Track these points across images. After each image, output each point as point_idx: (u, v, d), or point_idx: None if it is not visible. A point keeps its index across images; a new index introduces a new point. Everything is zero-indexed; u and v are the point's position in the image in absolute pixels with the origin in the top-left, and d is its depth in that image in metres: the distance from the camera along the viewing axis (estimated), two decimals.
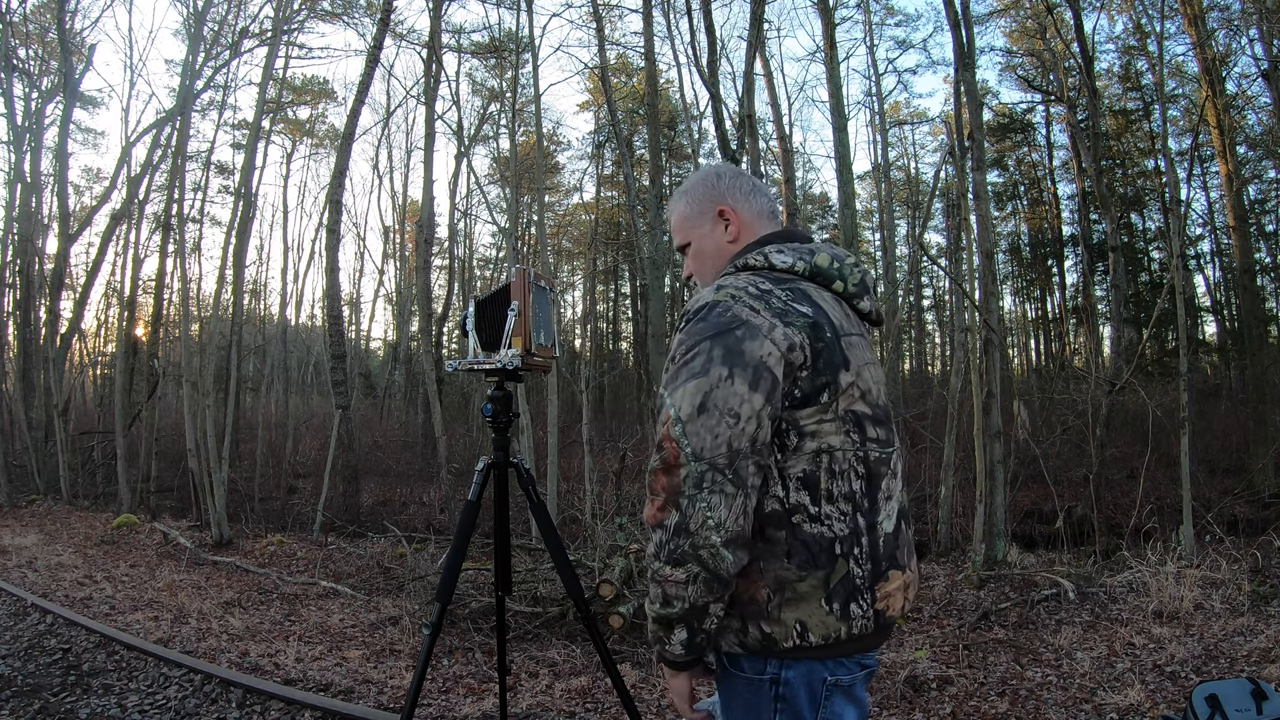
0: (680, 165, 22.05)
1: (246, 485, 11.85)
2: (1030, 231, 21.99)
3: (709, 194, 1.38)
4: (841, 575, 1.15)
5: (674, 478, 1.10)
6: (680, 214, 1.41)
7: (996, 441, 6.28)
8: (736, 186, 1.37)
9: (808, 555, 1.15)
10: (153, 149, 14.43)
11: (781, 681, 1.17)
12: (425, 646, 2.09)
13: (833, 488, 1.16)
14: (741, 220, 1.36)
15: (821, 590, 1.14)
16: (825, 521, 1.15)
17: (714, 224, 1.37)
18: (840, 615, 1.15)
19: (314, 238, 23.91)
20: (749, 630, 1.17)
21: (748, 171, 1.41)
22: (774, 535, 1.15)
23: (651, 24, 11.78)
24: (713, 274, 1.37)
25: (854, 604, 1.16)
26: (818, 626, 1.14)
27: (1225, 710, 2.18)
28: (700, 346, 1.13)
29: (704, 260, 1.39)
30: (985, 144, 13.10)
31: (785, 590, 1.15)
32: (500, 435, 2.25)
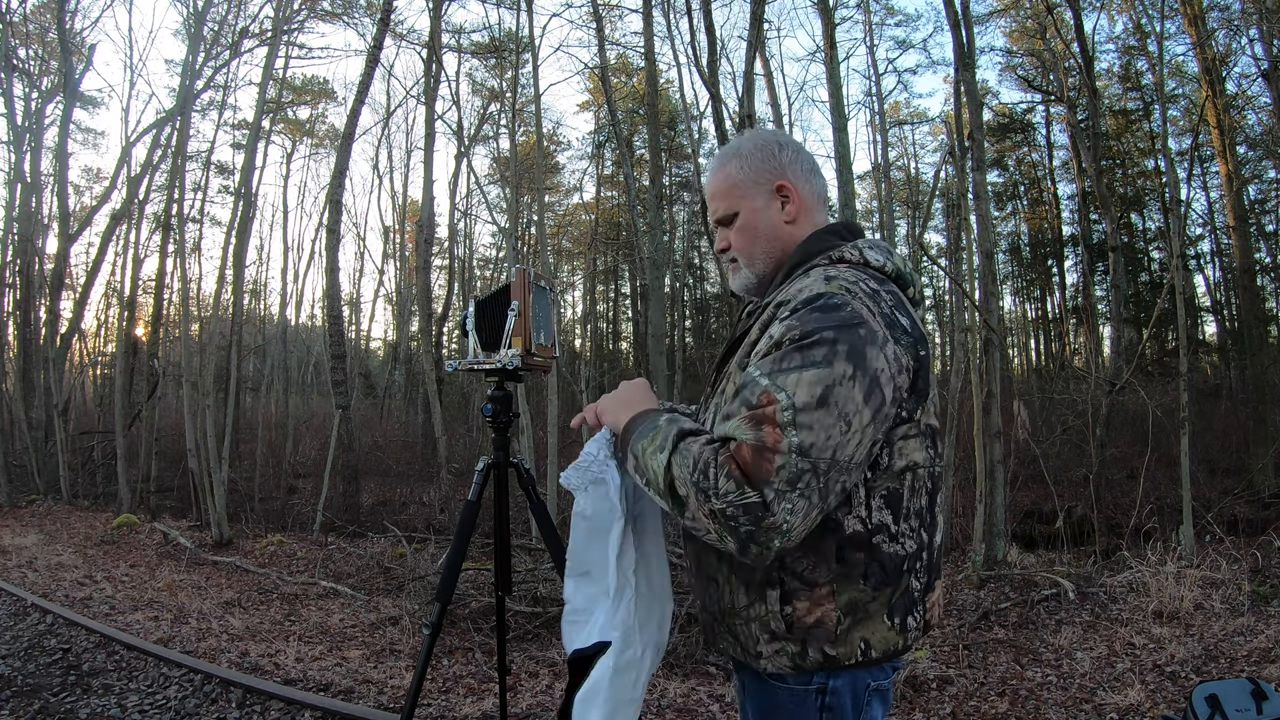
0: (680, 165, 22.05)
1: (246, 485, 11.85)
2: (1030, 231, 21.98)
3: (768, 164, 1.23)
4: (903, 590, 1.12)
5: (765, 463, 0.97)
6: (728, 178, 1.25)
7: (996, 441, 6.28)
8: (799, 162, 1.24)
9: (883, 576, 1.10)
10: (153, 149, 14.43)
11: (829, 691, 1.12)
12: (425, 646, 2.09)
13: (911, 505, 1.12)
14: (802, 201, 1.24)
15: (885, 607, 1.11)
16: (901, 540, 1.11)
17: (770, 199, 1.23)
18: (899, 629, 1.12)
19: (314, 238, 23.92)
20: (809, 654, 1.10)
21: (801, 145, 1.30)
22: (853, 558, 1.09)
23: (651, 24, 11.79)
24: (764, 256, 1.25)
25: (910, 617, 1.14)
26: (879, 643, 1.11)
27: (1225, 710, 2.18)
28: (822, 335, 1.01)
29: (754, 238, 1.24)
30: (985, 144, 13.10)
31: (857, 611, 1.09)
32: (500, 435, 2.24)
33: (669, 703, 3.44)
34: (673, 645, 4.16)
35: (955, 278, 9.34)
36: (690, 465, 1.02)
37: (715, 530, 1.00)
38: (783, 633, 1.11)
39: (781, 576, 1.11)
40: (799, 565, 1.09)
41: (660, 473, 1.06)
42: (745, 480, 0.98)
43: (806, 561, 1.09)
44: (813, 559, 1.09)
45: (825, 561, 1.08)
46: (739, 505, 0.97)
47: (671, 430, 1.09)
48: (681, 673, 3.89)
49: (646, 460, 1.10)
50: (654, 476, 1.08)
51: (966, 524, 7.38)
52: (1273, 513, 7.82)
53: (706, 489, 0.99)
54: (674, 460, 1.04)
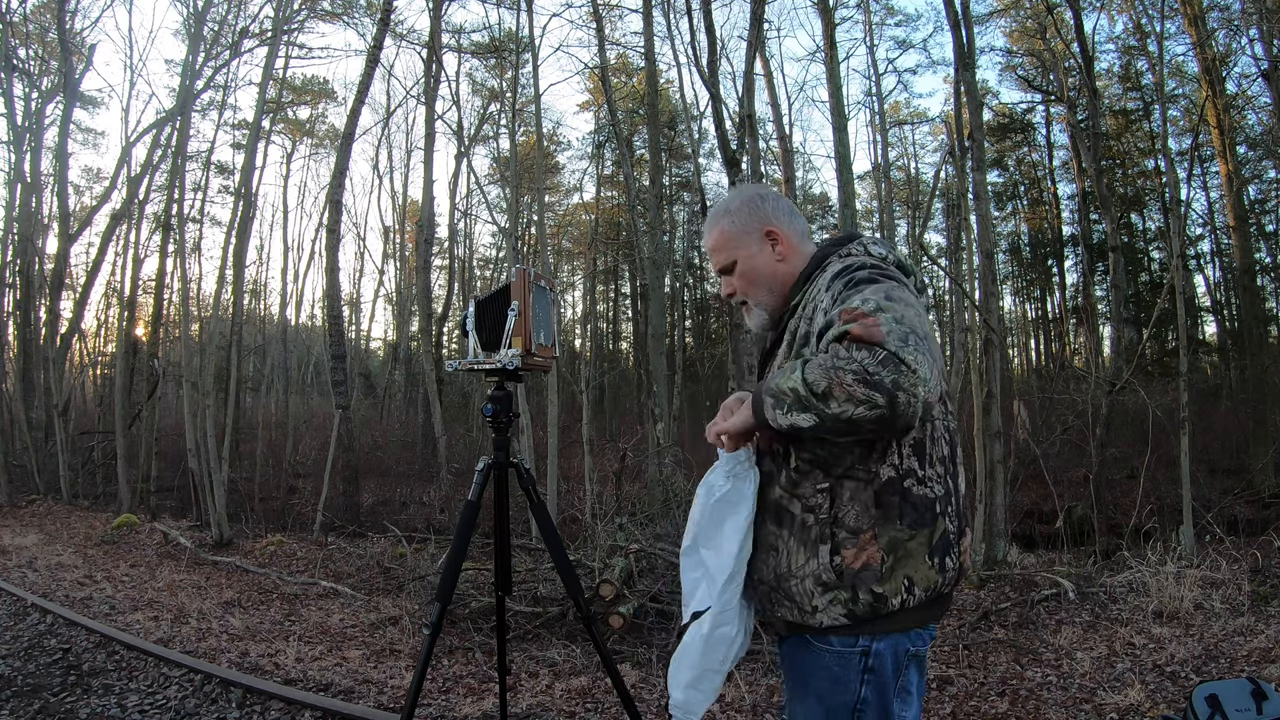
0: (680, 165, 22.05)
1: (246, 485, 11.84)
2: (1030, 231, 21.98)
3: (754, 215, 1.42)
4: (941, 532, 1.25)
5: (874, 331, 1.10)
6: (723, 234, 1.44)
7: (996, 441, 6.28)
8: (779, 209, 1.43)
9: (916, 515, 1.23)
10: (153, 149, 14.44)
11: (872, 654, 1.24)
12: (425, 646, 2.09)
13: (934, 452, 1.27)
14: (789, 241, 1.42)
15: (926, 547, 1.23)
16: (929, 484, 1.25)
17: (761, 244, 1.41)
18: (939, 568, 1.24)
19: (314, 238, 23.91)
20: (859, 597, 1.22)
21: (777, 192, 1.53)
22: (889, 501, 1.22)
23: (651, 24, 11.78)
24: (768, 293, 1.42)
25: (948, 558, 1.26)
26: (922, 580, 1.23)
27: (1225, 710, 2.18)
28: (861, 274, 1.21)
29: (756, 280, 1.42)
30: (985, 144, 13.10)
31: (898, 550, 1.22)
32: (500, 435, 2.25)
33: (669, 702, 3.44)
34: (672, 645, 4.15)
35: (955, 278, 9.34)
36: (819, 365, 1.14)
37: (865, 394, 1.08)
38: (834, 582, 1.23)
39: (832, 530, 1.24)
40: (846, 516, 1.23)
41: (799, 382, 1.15)
42: (870, 343, 1.10)
43: (852, 511, 1.23)
44: (857, 508, 1.23)
45: (867, 510, 1.23)
46: (877, 361, 1.08)
47: (797, 363, 1.20)
48: None
49: (781, 386, 1.18)
50: (792, 391, 1.16)
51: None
52: (1273, 513, 7.82)
53: (842, 367, 1.10)
54: (804, 370, 1.16)
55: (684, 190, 22.59)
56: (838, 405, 1.10)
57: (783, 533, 1.30)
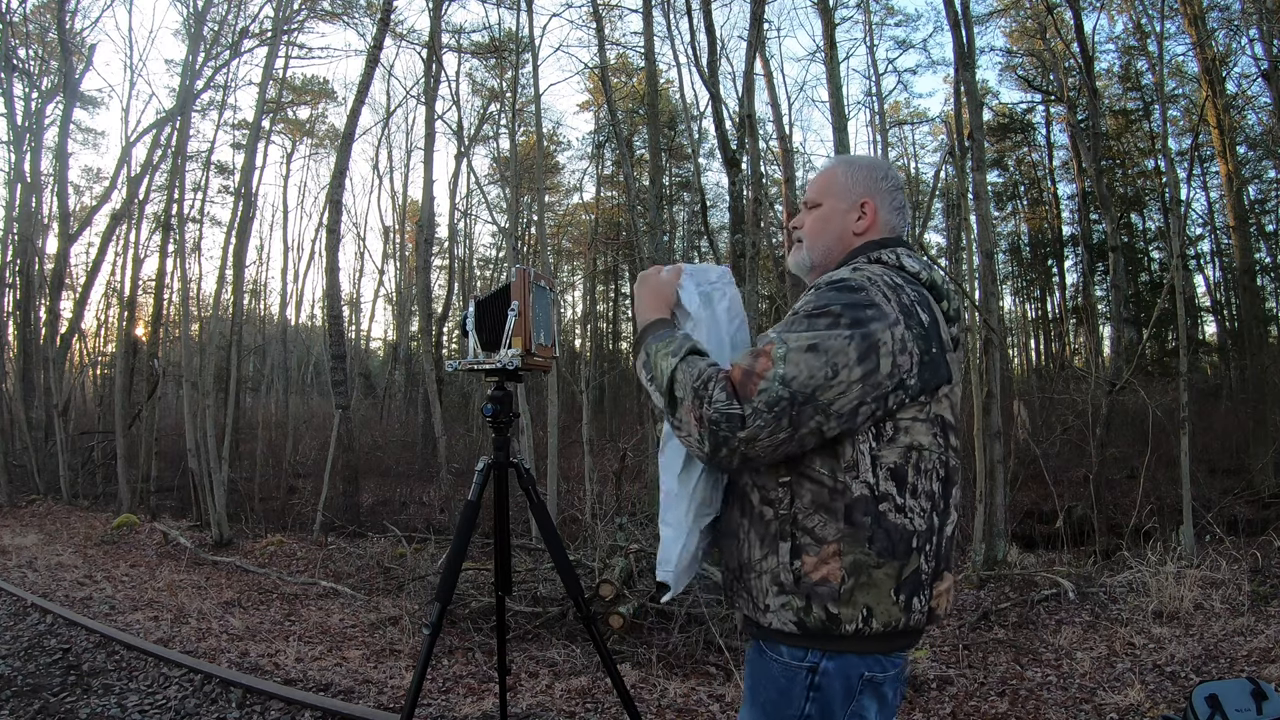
0: (680, 165, 22.05)
1: (246, 485, 11.84)
2: (1030, 231, 21.98)
3: (866, 181, 1.41)
4: (914, 569, 1.20)
5: (750, 384, 1.13)
6: (833, 177, 1.44)
7: (996, 441, 6.28)
8: (892, 196, 1.42)
9: (888, 543, 1.18)
10: (153, 149, 14.44)
11: (820, 671, 1.20)
12: (425, 646, 2.09)
13: (918, 484, 1.21)
14: (877, 222, 1.40)
15: (893, 580, 1.19)
16: (909, 514, 1.20)
17: (853, 207, 1.41)
18: (904, 607, 1.20)
19: (314, 238, 23.92)
20: (813, 610, 1.19)
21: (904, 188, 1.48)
22: (860, 520, 1.18)
23: (651, 24, 11.77)
24: (823, 247, 1.42)
25: (916, 598, 1.21)
26: (883, 614, 1.18)
27: (1225, 710, 2.18)
28: (831, 309, 1.17)
29: (826, 229, 1.42)
30: (985, 144, 13.10)
31: (861, 574, 1.18)
32: (500, 435, 2.24)
33: (669, 703, 3.44)
34: (673, 645, 4.16)
35: (955, 278, 9.34)
36: (694, 375, 1.19)
37: (699, 432, 1.15)
38: (790, 585, 1.20)
39: (794, 531, 1.21)
40: (811, 522, 1.20)
41: (667, 372, 1.22)
42: (734, 395, 1.13)
43: (818, 519, 1.20)
44: (824, 517, 1.20)
45: (835, 520, 1.19)
46: (724, 413, 1.13)
47: (686, 344, 1.26)
48: (681, 673, 3.89)
49: (656, 359, 1.26)
50: (659, 374, 1.24)
51: (966, 524, 7.36)
52: (1273, 513, 7.82)
53: (703, 396, 1.15)
54: (680, 366, 1.21)
55: (684, 190, 22.60)
56: (676, 418, 1.20)
57: (744, 521, 1.29)
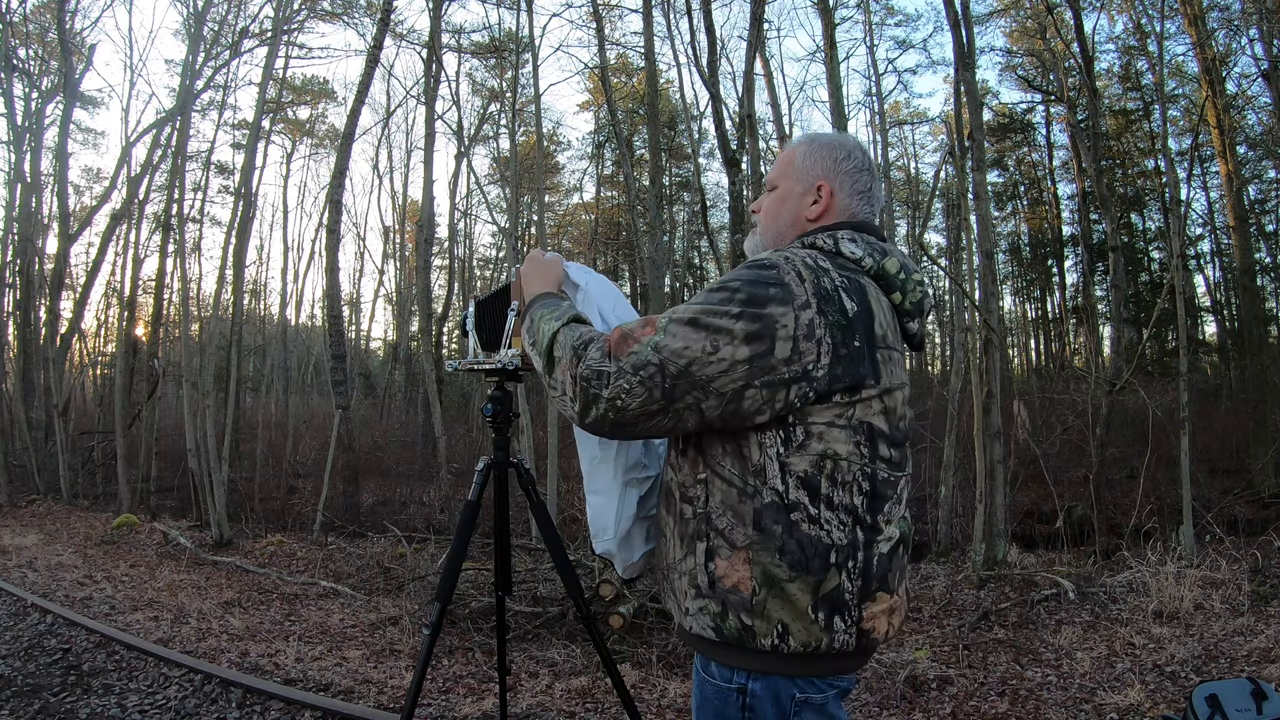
0: (680, 165, 22.05)
1: (246, 485, 11.83)
2: (1030, 231, 21.99)
3: (824, 163, 1.32)
4: (832, 586, 1.12)
5: (624, 345, 1.12)
6: (790, 157, 1.36)
7: (996, 441, 6.28)
8: (854, 179, 1.32)
9: (800, 556, 1.11)
10: (153, 149, 14.43)
11: (748, 693, 1.15)
12: (425, 646, 2.09)
13: (833, 496, 1.13)
14: (833, 207, 1.31)
15: (809, 597, 1.11)
16: (825, 526, 1.12)
17: (807, 191, 1.32)
18: (824, 626, 1.12)
19: (314, 238, 23.90)
20: (729, 617, 1.14)
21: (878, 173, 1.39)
22: (770, 528, 1.12)
23: (651, 24, 11.77)
24: (775, 233, 1.35)
25: (839, 617, 1.13)
26: (800, 633, 1.11)
27: (1225, 710, 2.18)
28: (729, 285, 1.12)
29: (780, 212, 1.35)
30: (985, 144, 13.10)
31: (773, 587, 1.12)
32: (500, 435, 2.24)
33: (669, 703, 3.45)
34: (673, 645, 4.16)
35: (955, 278, 9.34)
36: (575, 335, 1.19)
37: (572, 390, 1.14)
38: (706, 589, 1.17)
39: (709, 532, 1.18)
40: (721, 523, 1.16)
41: (548, 334, 1.23)
42: (607, 355, 1.12)
43: (727, 520, 1.16)
44: (732, 519, 1.15)
45: (744, 524, 1.14)
46: (594, 370, 1.11)
47: (571, 312, 1.28)
48: (682, 673, 3.89)
49: (540, 323, 1.27)
50: (541, 336, 1.24)
51: (966, 524, 7.38)
52: (1273, 513, 7.82)
53: (581, 355, 1.14)
54: (563, 330, 1.22)
55: (684, 190, 22.60)
56: (553, 379, 1.19)
57: (669, 519, 1.26)
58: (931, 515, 8.24)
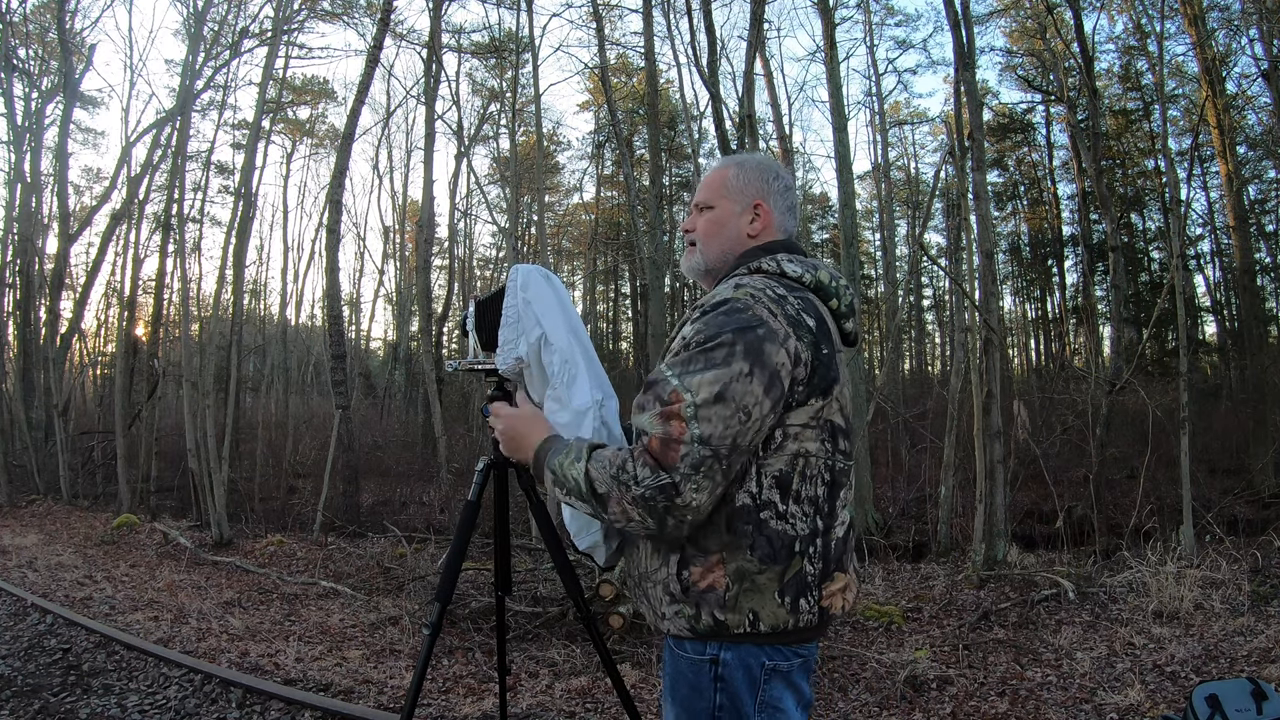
0: (680, 165, 22.04)
1: (246, 485, 11.83)
2: (1030, 231, 21.99)
3: (759, 182, 1.41)
4: (796, 571, 1.22)
5: (671, 451, 1.13)
6: (723, 178, 1.43)
7: (996, 441, 6.27)
8: (784, 196, 1.43)
9: (769, 550, 1.20)
10: (153, 149, 14.43)
11: (720, 662, 1.23)
12: (425, 646, 2.09)
13: (802, 490, 1.23)
14: (770, 224, 1.41)
15: (776, 584, 1.21)
16: (790, 520, 1.21)
17: (745, 210, 1.41)
18: (790, 609, 1.21)
19: (314, 238, 23.90)
20: (702, 617, 1.22)
21: (794, 189, 1.50)
22: (741, 529, 1.20)
23: (651, 24, 11.78)
24: (717, 250, 1.42)
25: (803, 599, 1.22)
26: (769, 617, 1.20)
27: (1225, 710, 2.18)
28: (723, 338, 1.16)
29: (720, 231, 1.42)
30: (985, 144, 13.10)
31: (745, 581, 1.20)
32: None
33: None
34: None
35: (955, 278, 9.34)
36: (607, 465, 1.18)
37: (638, 514, 1.15)
38: (679, 595, 1.23)
39: (681, 543, 1.24)
40: (695, 533, 1.22)
41: (580, 478, 1.21)
42: (658, 466, 1.13)
43: (701, 530, 1.21)
44: (706, 528, 1.21)
45: (717, 532, 1.21)
46: (655, 487, 1.13)
47: (583, 445, 1.26)
48: None
49: (565, 471, 1.24)
50: (574, 483, 1.22)
51: (966, 524, 7.37)
52: (1273, 513, 7.82)
53: (626, 480, 1.15)
54: (591, 466, 1.20)
55: (684, 190, 22.58)
56: (611, 514, 1.18)
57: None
58: (931, 515, 8.24)
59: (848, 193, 11.05)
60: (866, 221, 22.86)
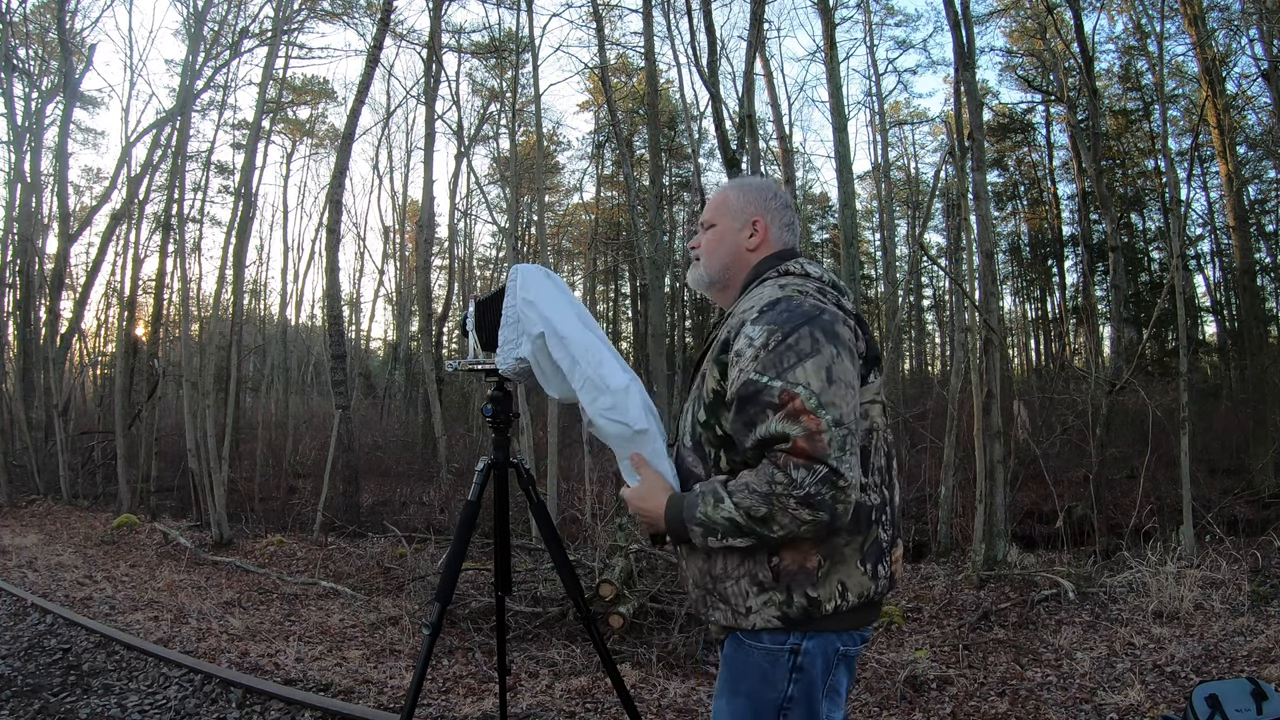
0: (680, 165, 22.04)
1: (246, 485, 11.83)
2: (1030, 231, 21.98)
3: (758, 201, 1.53)
4: (874, 539, 1.30)
5: (818, 443, 1.17)
6: (725, 199, 1.56)
7: (996, 441, 6.27)
8: (782, 214, 1.54)
9: (855, 522, 1.26)
10: (153, 149, 14.43)
11: (802, 652, 1.27)
12: (425, 646, 2.09)
13: (875, 462, 1.33)
14: (768, 239, 1.52)
15: (859, 553, 1.28)
16: (868, 491, 1.30)
17: (744, 226, 1.52)
18: (871, 575, 1.30)
19: (314, 238, 23.87)
20: (794, 600, 1.26)
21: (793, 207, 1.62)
22: None
23: (651, 24, 11.77)
24: (719, 263, 1.53)
25: (880, 565, 1.31)
26: (855, 586, 1.28)
27: (1225, 710, 2.18)
28: (800, 331, 1.24)
29: (721, 246, 1.53)
30: (985, 144, 13.10)
31: (835, 555, 1.27)
32: (500, 435, 2.25)
33: (669, 703, 3.44)
34: (672, 645, 4.16)
35: (955, 278, 9.34)
36: (750, 491, 1.20)
37: (808, 514, 1.17)
38: (770, 582, 1.27)
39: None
40: None
41: (733, 515, 1.22)
42: (812, 461, 1.17)
43: None
44: None
45: None
46: (817, 481, 1.16)
47: (712, 486, 1.28)
48: (681, 673, 3.89)
49: (713, 518, 1.25)
50: (727, 524, 1.23)
51: (966, 524, 7.37)
52: (1273, 513, 7.82)
53: (783, 489, 1.17)
54: (736, 499, 1.22)
55: (684, 190, 22.58)
56: (781, 528, 1.20)
57: None
58: (931, 515, 8.23)
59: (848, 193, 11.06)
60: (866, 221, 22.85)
